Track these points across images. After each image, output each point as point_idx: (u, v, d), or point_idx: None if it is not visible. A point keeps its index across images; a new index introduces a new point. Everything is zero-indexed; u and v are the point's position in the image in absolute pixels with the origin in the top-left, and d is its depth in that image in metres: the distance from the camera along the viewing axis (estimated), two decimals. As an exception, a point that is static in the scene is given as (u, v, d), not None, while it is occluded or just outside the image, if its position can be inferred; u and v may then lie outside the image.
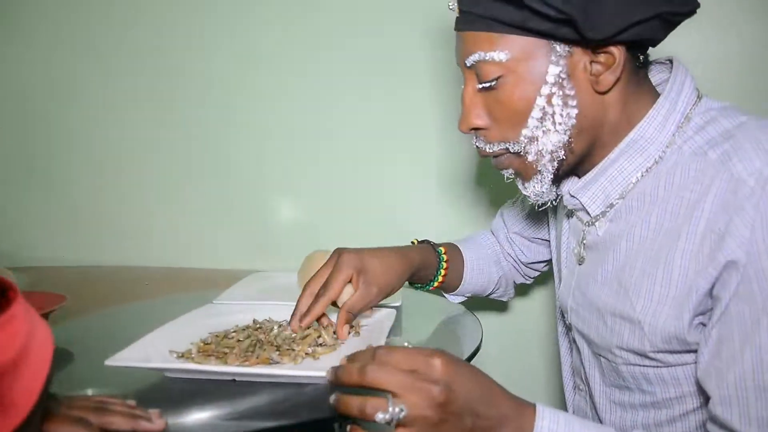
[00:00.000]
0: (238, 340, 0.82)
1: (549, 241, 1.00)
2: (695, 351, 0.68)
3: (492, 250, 1.12)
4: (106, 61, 1.57)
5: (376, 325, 0.91)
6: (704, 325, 0.67)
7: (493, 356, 1.35)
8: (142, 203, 1.60)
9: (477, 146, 0.78)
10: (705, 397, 0.67)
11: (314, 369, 0.73)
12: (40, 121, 1.63)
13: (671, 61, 0.76)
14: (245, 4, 1.48)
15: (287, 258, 1.37)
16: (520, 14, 0.66)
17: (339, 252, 0.88)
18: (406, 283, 0.97)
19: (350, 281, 0.86)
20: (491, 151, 0.76)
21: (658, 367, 0.72)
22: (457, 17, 0.74)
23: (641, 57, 0.72)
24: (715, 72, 1.25)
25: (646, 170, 0.72)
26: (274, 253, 1.54)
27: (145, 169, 1.59)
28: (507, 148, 0.75)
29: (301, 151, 1.50)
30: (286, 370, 0.74)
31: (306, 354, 0.79)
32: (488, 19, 0.69)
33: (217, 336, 0.86)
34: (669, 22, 0.67)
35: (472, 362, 0.78)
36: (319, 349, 0.81)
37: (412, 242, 1.05)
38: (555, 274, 0.92)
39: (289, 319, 0.86)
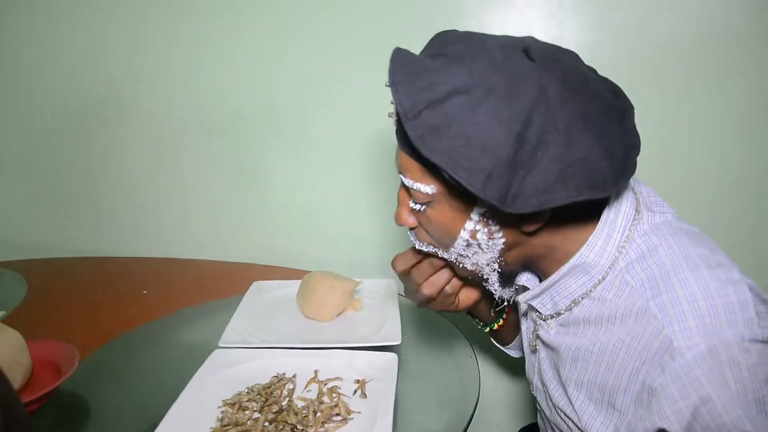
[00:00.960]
0: (254, 419, 0.87)
1: None
2: None
3: None
4: (112, 54, 1.52)
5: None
6: None
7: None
8: (152, 197, 1.61)
9: (411, 239, 0.78)
10: None
11: None
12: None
13: None
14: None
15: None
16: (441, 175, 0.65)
17: None
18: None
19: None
20: (420, 248, 0.76)
21: None
22: (395, 127, 0.70)
23: None
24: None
25: (593, 286, 0.72)
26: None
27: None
28: (437, 252, 0.75)
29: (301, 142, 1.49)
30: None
31: (320, 434, 0.84)
32: (419, 155, 0.65)
33: (231, 406, 0.90)
34: (589, 201, 0.64)
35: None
36: (331, 426, 0.86)
37: None
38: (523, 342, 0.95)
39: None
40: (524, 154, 0.60)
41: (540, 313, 0.79)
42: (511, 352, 1.10)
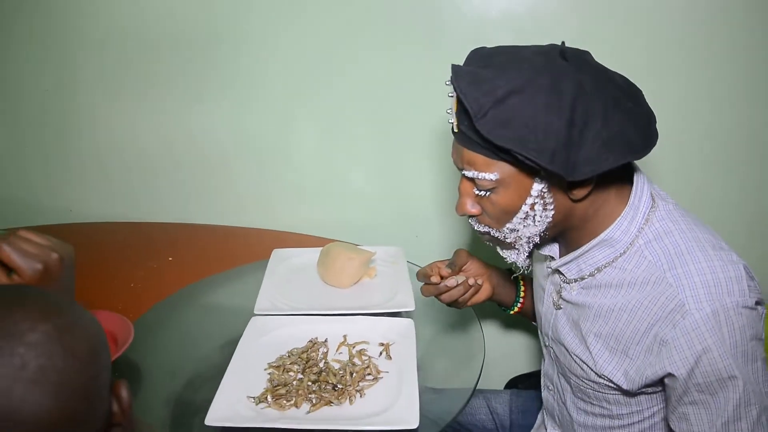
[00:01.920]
0: (299, 379, 1.02)
1: None
2: (642, 394, 0.91)
3: None
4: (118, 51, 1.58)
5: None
6: (652, 387, 0.89)
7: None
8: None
9: (469, 222, 0.94)
10: (642, 418, 0.93)
11: (365, 410, 0.96)
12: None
13: (631, 166, 0.91)
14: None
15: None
16: (513, 157, 0.80)
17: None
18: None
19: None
20: (478, 230, 0.93)
21: (614, 395, 0.94)
22: (453, 130, 0.85)
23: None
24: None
25: (613, 260, 0.88)
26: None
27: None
28: (489, 232, 0.91)
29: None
30: (350, 419, 0.95)
31: (356, 391, 1.00)
32: (484, 147, 0.81)
33: (277, 369, 1.05)
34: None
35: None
36: (365, 384, 1.02)
37: None
38: (537, 303, 1.11)
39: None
40: (575, 134, 0.76)
41: (565, 277, 0.95)
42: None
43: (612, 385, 0.91)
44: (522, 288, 1.18)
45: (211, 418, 0.93)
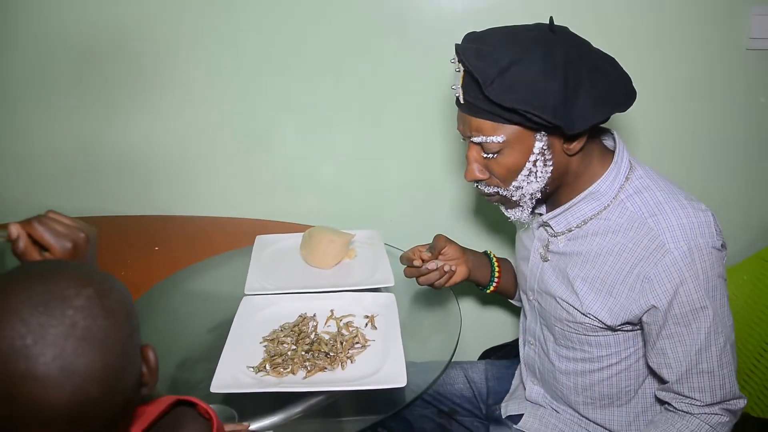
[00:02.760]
0: (293, 350, 1.10)
1: None
2: (622, 331, 1.04)
3: None
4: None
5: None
6: (631, 324, 1.02)
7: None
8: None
9: (477, 187, 1.05)
10: (620, 359, 1.06)
11: (356, 374, 1.05)
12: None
13: (611, 132, 1.06)
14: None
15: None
16: (519, 117, 0.91)
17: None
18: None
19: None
20: (487, 192, 1.04)
21: (595, 336, 1.06)
22: (460, 102, 0.97)
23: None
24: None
25: (598, 212, 1.01)
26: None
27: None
28: (498, 192, 1.03)
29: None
30: (344, 381, 1.03)
31: (347, 358, 1.09)
32: (491, 113, 0.93)
33: (272, 341, 1.13)
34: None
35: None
36: (354, 352, 1.10)
37: None
38: (521, 264, 1.22)
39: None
40: (570, 93, 0.88)
41: (553, 230, 1.07)
42: (515, 302, 1.39)
43: (596, 323, 1.03)
44: (497, 269, 1.30)
45: (216, 385, 1.00)
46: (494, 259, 1.30)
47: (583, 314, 1.04)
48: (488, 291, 1.31)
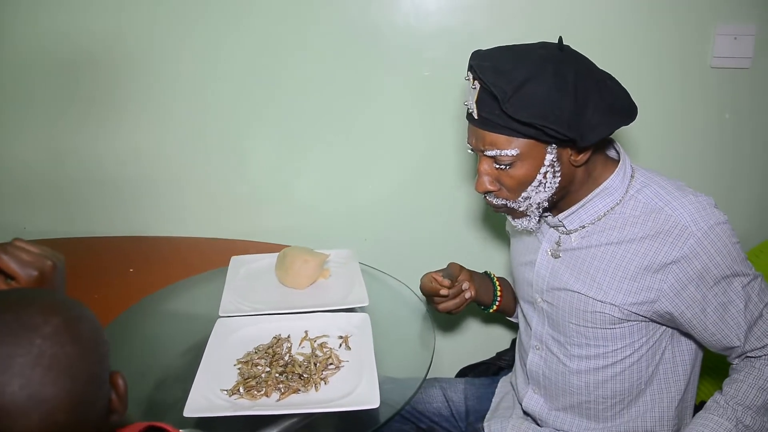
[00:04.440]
0: (267, 372, 1.11)
1: None
2: (633, 321, 1.07)
3: None
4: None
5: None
6: (638, 314, 1.06)
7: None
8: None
9: (486, 198, 1.08)
10: (633, 350, 1.10)
11: (330, 395, 1.06)
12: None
13: (613, 143, 1.12)
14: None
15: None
16: (534, 131, 0.95)
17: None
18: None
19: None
20: (496, 203, 1.08)
21: (612, 328, 1.09)
22: (473, 117, 1.01)
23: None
24: None
25: (611, 207, 1.07)
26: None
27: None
28: (506, 204, 1.07)
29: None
30: (317, 403, 1.04)
31: (321, 379, 1.09)
32: (506, 128, 0.97)
33: (245, 364, 1.13)
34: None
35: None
36: (328, 373, 1.11)
37: None
38: (522, 270, 1.24)
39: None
40: (580, 108, 0.94)
41: (565, 228, 1.11)
42: (513, 319, 1.43)
43: (615, 313, 1.07)
44: (498, 288, 1.35)
45: (189, 410, 1.00)
46: (495, 279, 1.37)
47: (603, 303, 1.07)
48: (491, 311, 1.36)
